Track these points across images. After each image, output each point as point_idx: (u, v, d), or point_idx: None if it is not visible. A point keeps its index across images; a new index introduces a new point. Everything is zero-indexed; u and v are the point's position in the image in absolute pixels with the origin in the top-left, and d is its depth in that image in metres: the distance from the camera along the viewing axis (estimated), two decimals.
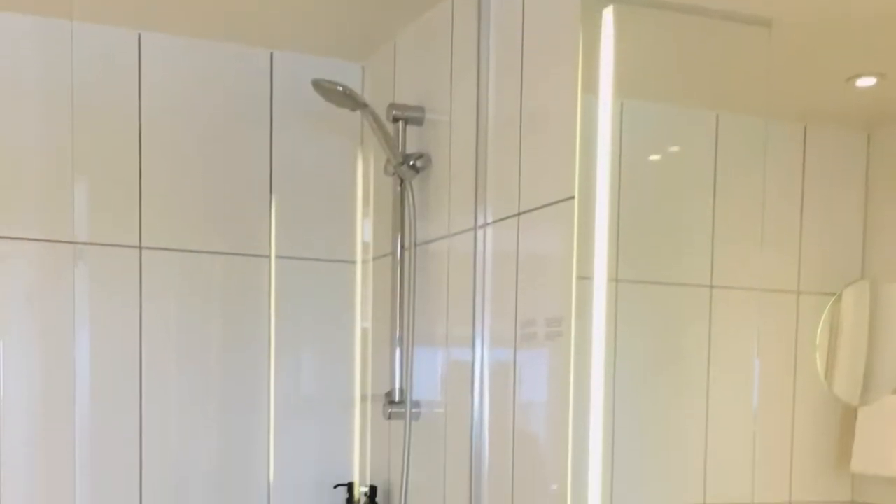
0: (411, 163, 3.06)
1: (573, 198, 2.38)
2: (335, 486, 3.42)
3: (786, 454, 1.97)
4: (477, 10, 2.77)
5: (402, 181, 3.09)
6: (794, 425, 1.99)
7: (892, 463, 1.88)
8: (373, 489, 3.30)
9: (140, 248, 3.23)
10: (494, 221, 2.75)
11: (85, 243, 3.17)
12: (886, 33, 2.04)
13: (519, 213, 2.62)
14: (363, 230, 3.51)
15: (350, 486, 3.42)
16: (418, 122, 3.11)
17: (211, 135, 3.33)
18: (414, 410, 3.06)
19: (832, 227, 2.24)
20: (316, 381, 3.50)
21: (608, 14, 2.25)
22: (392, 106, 3.12)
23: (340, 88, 2.95)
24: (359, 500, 3.37)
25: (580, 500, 2.35)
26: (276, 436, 3.40)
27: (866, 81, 2.20)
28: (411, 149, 3.11)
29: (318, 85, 2.94)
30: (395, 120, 3.12)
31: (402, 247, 3.12)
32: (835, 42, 2.11)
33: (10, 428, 3.11)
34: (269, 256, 3.40)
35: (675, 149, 2.44)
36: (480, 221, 2.80)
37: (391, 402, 3.14)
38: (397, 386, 3.13)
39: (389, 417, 3.14)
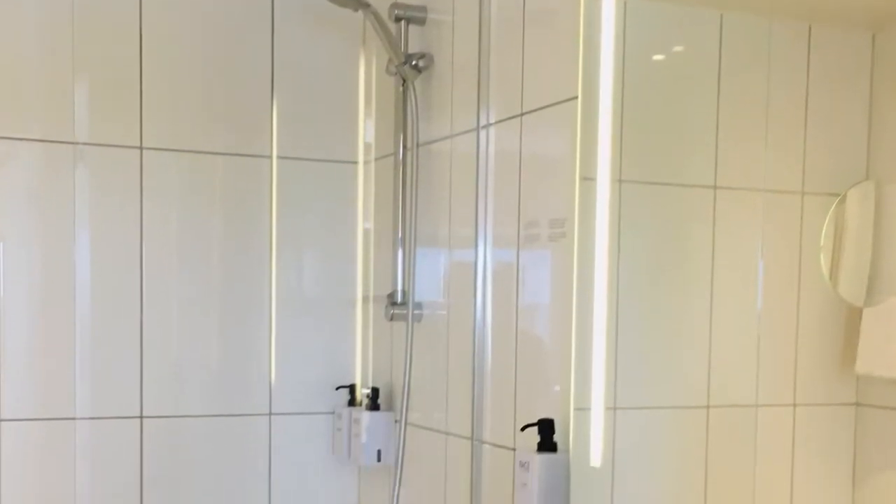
0: (413, 63, 3.03)
1: (576, 98, 2.36)
2: (337, 388, 3.43)
3: (790, 356, 1.97)
4: None
5: (404, 81, 3.06)
6: (799, 327, 1.99)
7: None
8: (375, 391, 3.31)
9: (141, 148, 3.21)
10: (497, 122, 2.74)
11: (85, 143, 3.15)
12: None
13: (522, 114, 2.61)
14: (365, 130, 3.49)
15: (352, 388, 3.43)
16: (420, 21, 3.08)
17: (212, 34, 3.30)
18: (416, 312, 3.06)
19: (836, 128, 2.22)
20: (317, 282, 3.50)
21: None
22: (394, 5, 3.08)
23: None
24: (361, 401, 3.38)
25: (583, 402, 2.36)
26: (277, 337, 3.40)
27: None
28: (413, 48, 3.08)
29: None
30: (398, 19, 3.08)
31: (405, 147, 3.10)
32: None
33: (10, 328, 3.11)
34: (270, 157, 3.38)
35: (678, 49, 2.41)
36: (483, 122, 2.78)
37: (393, 304, 3.14)
38: (399, 287, 3.13)
39: (391, 319, 3.14)
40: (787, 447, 1.88)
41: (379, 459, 3.26)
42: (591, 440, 2.37)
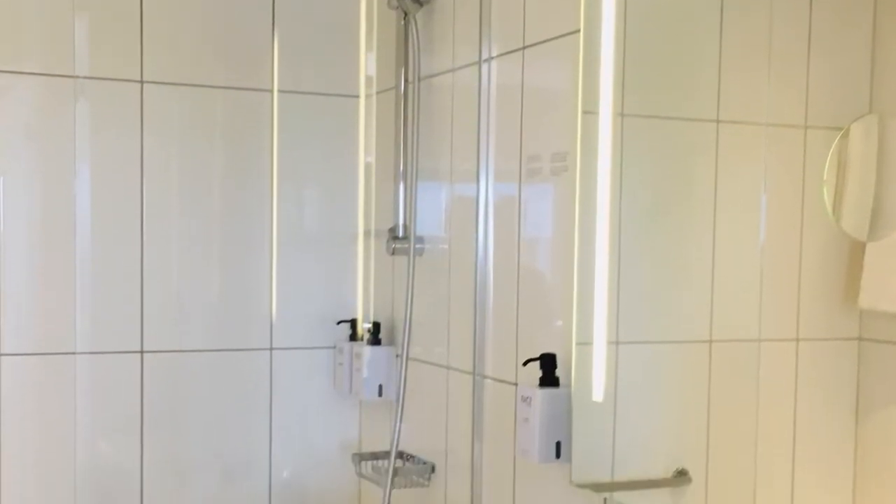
0: None
1: (578, 31, 2.34)
2: (338, 323, 3.43)
3: (792, 291, 1.97)
4: None
5: (405, 14, 3.04)
6: (801, 262, 1.98)
7: None
8: (376, 325, 3.31)
9: (141, 82, 3.19)
10: (499, 55, 2.72)
11: (86, 77, 3.13)
12: None
13: (524, 47, 2.59)
14: (366, 64, 3.47)
15: (353, 323, 3.43)
16: None
17: None
18: (417, 246, 3.05)
19: (840, 61, 2.20)
20: (318, 216, 3.49)
21: None
22: None
23: None
24: (362, 336, 3.38)
25: (585, 336, 2.36)
26: (278, 271, 3.40)
27: None
28: None
29: None
30: None
31: (406, 81, 3.09)
32: None
33: (10, 263, 3.11)
34: (271, 90, 3.36)
35: None
36: (485, 55, 2.77)
37: (395, 238, 3.13)
38: (401, 221, 3.12)
39: (393, 253, 3.14)
40: (790, 382, 1.88)
41: (380, 394, 3.26)
42: (593, 375, 2.37)
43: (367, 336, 3.32)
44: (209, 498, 3.36)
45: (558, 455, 2.39)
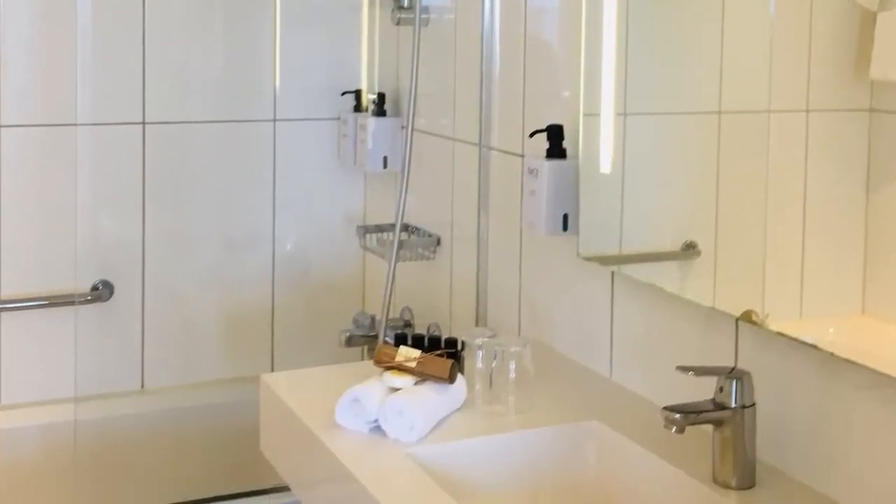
0: None
1: None
2: (342, 94, 3.40)
3: (803, 61, 1.93)
4: None
5: None
6: (812, 32, 1.94)
7: None
8: (381, 96, 3.28)
9: None
10: None
11: None
12: None
13: None
14: None
15: (358, 93, 3.39)
16: None
17: None
18: (423, 16, 3.00)
19: None
20: None
21: None
22: None
23: None
24: (367, 107, 3.35)
25: (592, 108, 2.34)
26: (281, 41, 3.35)
27: None
28: None
29: None
30: None
31: None
32: None
33: (10, 33, 3.07)
34: None
35: None
36: None
37: (400, 7, 3.08)
38: None
39: (398, 23, 3.09)
40: (800, 153, 1.86)
41: (385, 166, 3.25)
42: (600, 146, 2.35)
43: (371, 107, 3.29)
44: (212, 270, 3.37)
45: (565, 228, 2.38)
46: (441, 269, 3.03)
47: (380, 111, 3.26)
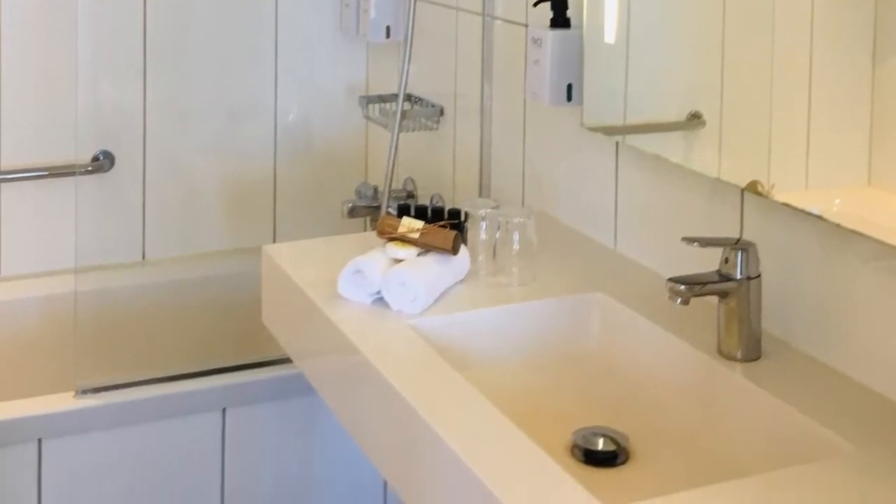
0: None
1: None
2: None
3: None
4: None
5: None
6: None
7: None
8: None
9: None
10: None
11: None
12: None
13: None
14: None
15: None
16: None
17: None
18: None
19: None
20: None
21: None
22: None
23: None
24: None
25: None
26: None
27: None
28: None
29: None
30: None
31: None
32: None
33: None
34: None
35: None
36: None
37: None
38: None
39: None
40: (806, 23, 1.83)
41: (388, 35, 3.21)
42: (605, 16, 2.32)
43: None
44: (213, 140, 3.35)
45: (570, 98, 2.36)
46: (444, 140, 3.01)
47: None
